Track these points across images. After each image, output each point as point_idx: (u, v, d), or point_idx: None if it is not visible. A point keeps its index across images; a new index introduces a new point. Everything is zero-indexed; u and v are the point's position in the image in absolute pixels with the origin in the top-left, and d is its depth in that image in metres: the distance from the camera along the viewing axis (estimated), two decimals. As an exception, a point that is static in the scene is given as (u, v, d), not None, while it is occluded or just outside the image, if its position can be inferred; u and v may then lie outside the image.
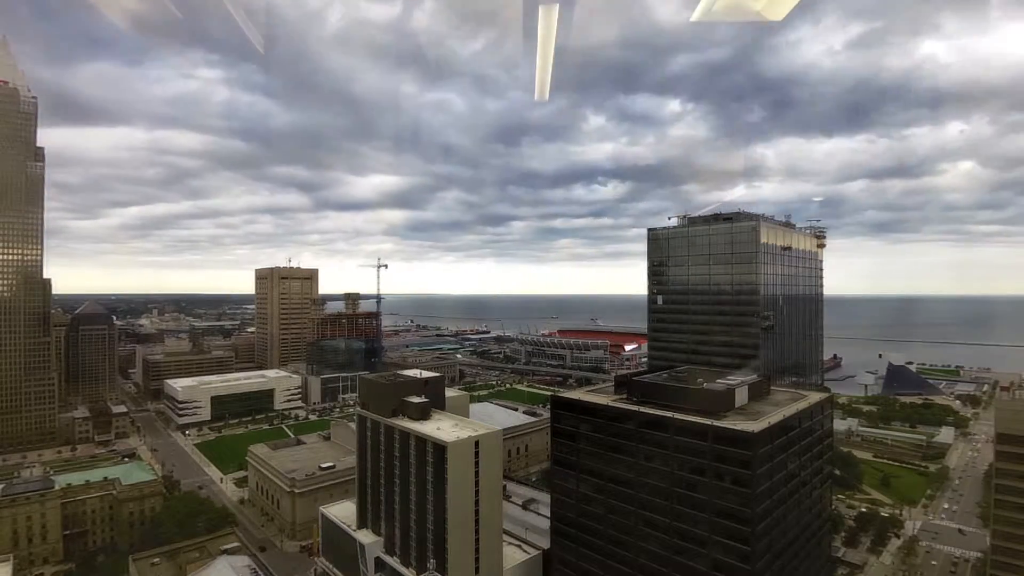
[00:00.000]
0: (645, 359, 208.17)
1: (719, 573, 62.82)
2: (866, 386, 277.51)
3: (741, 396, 71.71)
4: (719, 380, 76.74)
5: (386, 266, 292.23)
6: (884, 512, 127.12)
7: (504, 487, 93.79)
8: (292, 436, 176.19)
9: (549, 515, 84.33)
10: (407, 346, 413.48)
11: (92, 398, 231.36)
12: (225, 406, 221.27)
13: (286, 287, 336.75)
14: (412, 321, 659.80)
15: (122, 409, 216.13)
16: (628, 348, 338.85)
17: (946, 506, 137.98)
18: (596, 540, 74.96)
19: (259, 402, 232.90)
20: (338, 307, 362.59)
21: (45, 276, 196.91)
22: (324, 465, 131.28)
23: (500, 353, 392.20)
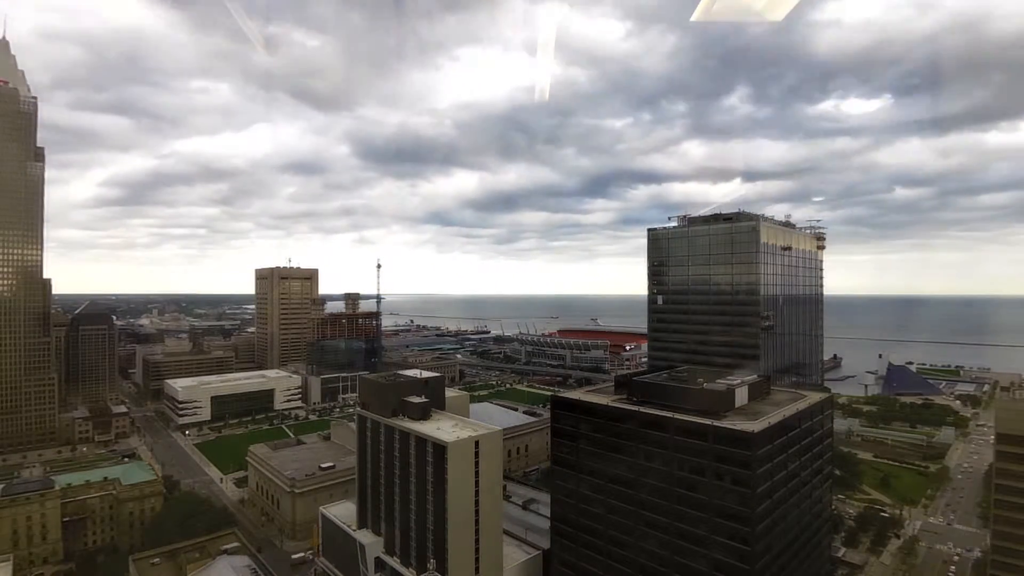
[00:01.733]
0: (645, 359, 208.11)
1: (719, 573, 62.84)
2: (866, 386, 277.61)
3: (741, 396, 71.75)
4: (719, 380, 76.76)
5: (380, 266, 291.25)
6: (884, 512, 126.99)
7: (504, 487, 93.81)
8: (292, 436, 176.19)
9: (549, 515, 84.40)
10: (407, 346, 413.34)
11: (92, 398, 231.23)
12: (225, 406, 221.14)
13: (286, 287, 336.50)
14: (412, 321, 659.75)
15: (122, 409, 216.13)
16: (628, 348, 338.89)
17: (946, 506, 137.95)
18: (596, 540, 75.00)
19: (259, 402, 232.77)
20: (338, 307, 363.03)
21: (45, 276, 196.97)
22: (324, 465, 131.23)
23: (500, 353, 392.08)
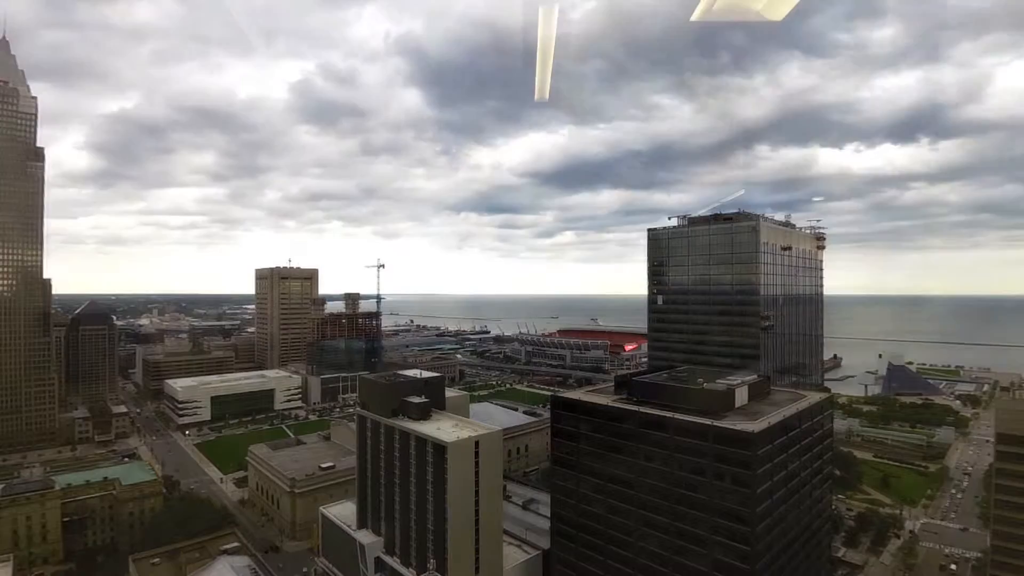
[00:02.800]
0: (645, 359, 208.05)
1: (719, 573, 62.81)
2: (866, 386, 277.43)
3: (741, 396, 71.71)
4: (719, 380, 76.72)
5: (383, 266, 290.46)
6: (884, 512, 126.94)
7: (504, 487, 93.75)
8: (292, 436, 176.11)
9: (549, 515, 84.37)
10: (407, 346, 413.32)
11: (92, 398, 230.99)
12: (225, 406, 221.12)
13: (286, 287, 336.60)
14: (412, 321, 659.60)
15: (122, 409, 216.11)
16: (628, 348, 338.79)
17: (946, 506, 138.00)
18: (596, 540, 74.95)
19: (259, 402, 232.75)
20: (340, 307, 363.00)
21: (45, 276, 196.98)
22: (324, 465, 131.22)
23: (500, 353, 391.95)
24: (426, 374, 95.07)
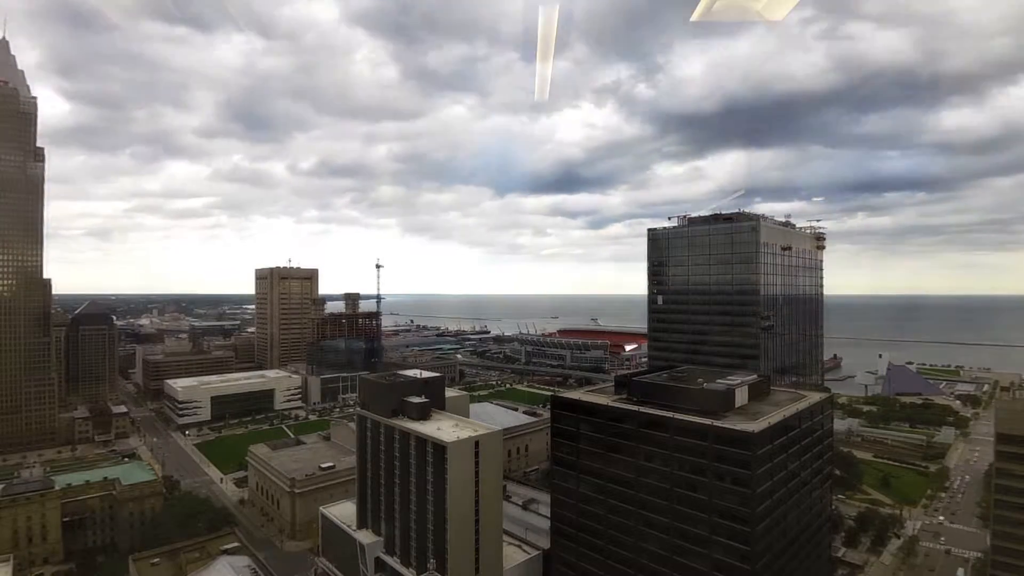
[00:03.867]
0: (645, 359, 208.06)
1: (719, 573, 62.84)
2: (866, 386, 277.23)
3: (741, 396, 71.74)
4: (719, 380, 76.72)
5: (382, 266, 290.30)
6: (884, 512, 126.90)
7: (504, 487, 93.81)
8: (292, 436, 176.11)
9: (549, 515, 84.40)
10: (407, 346, 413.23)
11: (92, 398, 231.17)
12: (225, 406, 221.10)
13: (286, 287, 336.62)
14: (412, 321, 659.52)
15: (122, 409, 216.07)
16: (628, 348, 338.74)
17: (946, 506, 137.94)
18: (596, 540, 75.00)
19: (259, 402, 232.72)
20: (339, 307, 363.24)
21: (45, 276, 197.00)
22: (324, 465, 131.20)
23: (500, 353, 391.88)
24: (426, 374, 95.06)
